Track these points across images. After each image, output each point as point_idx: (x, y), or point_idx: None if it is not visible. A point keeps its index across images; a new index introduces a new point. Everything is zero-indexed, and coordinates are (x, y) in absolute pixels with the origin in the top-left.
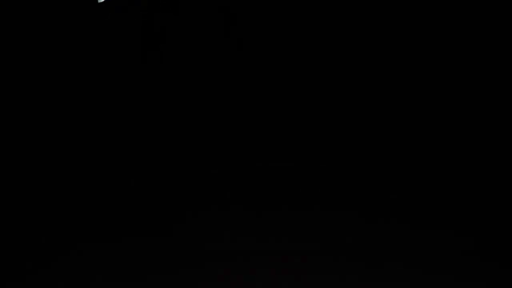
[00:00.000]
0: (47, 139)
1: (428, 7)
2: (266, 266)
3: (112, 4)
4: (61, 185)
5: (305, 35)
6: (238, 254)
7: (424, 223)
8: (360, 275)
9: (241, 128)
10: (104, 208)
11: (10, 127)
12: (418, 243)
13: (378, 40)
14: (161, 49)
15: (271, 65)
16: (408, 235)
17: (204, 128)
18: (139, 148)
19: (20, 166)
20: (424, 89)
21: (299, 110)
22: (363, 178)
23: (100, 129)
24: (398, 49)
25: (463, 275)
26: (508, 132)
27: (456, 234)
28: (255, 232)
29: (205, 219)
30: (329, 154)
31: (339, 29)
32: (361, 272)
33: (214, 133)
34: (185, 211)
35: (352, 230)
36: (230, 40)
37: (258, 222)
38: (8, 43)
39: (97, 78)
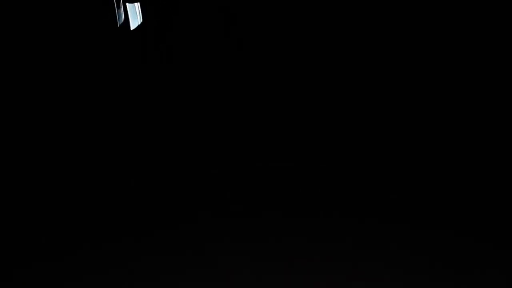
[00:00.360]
0: (47, 139)
1: (428, 7)
2: (266, 266)
3: (112, 4)
4: (61, 185)
5: (305, 35)
6: (238, 254)
7: (424, 223)
8: (360, 275)
9: (241, 128)
10: (104, 208)
11: (11, 127)
12: (418, 243)
13: (378, 40)
14: (161, 49)
15: (271, 65)
16: (408, 235)
17: (204, 128)
18: (139, 148)
19: (20, 166)
20: (424, 89)
21: (299, 110)
22: (363, 178)
23: (100, 129)
24: (398, 49)
25: (463, 275)
26: (508, 131)
27: (456, 234)
28: (255, 232)
29: (205, 219)
30: (329, 154)
31: (339, 29)
32: (361, 271)
33: (214, 133)
34: (185, 211)
35: (352, 230)
36: (230, 40)
37: (258, 222)
38: (7, 43)
39: (97, 78)
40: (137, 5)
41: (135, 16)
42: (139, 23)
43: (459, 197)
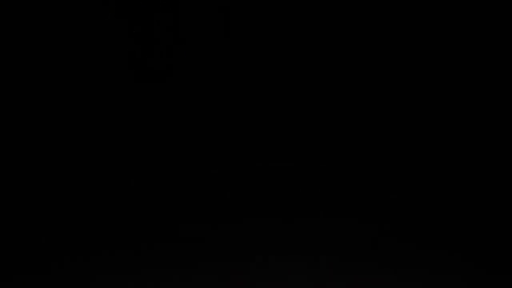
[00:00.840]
0: (47, 140)
1: (428, 7)
2: (266, 267)
3: (111, 5)
4: (61, 185)
5: (305, 35)
6: (238, 254)
7: (424, 223)
8: (360, 274)
9: (241, 128)
10: (103, 208)
11: (12, 128)
12: (418, 243)
13: (378, 39)
14: (161, 49)
15: (272, 65)
16: (408, 234)
17: (204, 128)
18: (139, 148)
19: (21, 166)
20: (424, 90)
21: (299, 110)
22: (363, 178)
23: (100, 129)
24: (398, 49)
25: (465, 275)
26: (509, 130)
27: (456, 235)
28: (255, 233)
29: (204, 219)
30: (329, 154)
31: (339, 29)
32: (362, 271)
33: (214, 133)
34: (185, 211)
35: (352, 230)
36: (230, 40)
37: (257, 222)
38: (6, 44)
39: (97, 78)
40: None
41: None
42: None
43: (459, 197)
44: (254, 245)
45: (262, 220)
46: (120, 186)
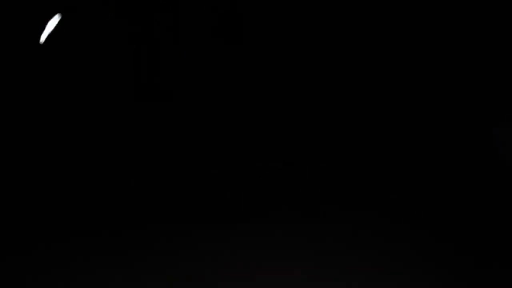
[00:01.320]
0: (47, 139)
1: (428, 7)
2: (267, 266)
3: (111, 5)
4: (62, 185)
5: (304, 36)
6: (238, 254)
7: (424, 223)
8: (360, 274)
9: (241, 128)
10: (103, 207)
11: (13, 130)
12: (418, 243)
13: (378, 39)
14: (160, 50)
15: (271, 66)
16: (408, 235)
17: (204, 128)
18: (139, 148)
19: (21, 167)
20: (424, 90)
21: (299, 111)
22: (363, 178)
23: (100, 129)
24: (398, 49)
25: (465, 275)
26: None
27: (456, 235)
28: (255, 232)
29: (204, 219)
30: (329, 154)
31: (338, 30)
32: (361, 270)
33: (214, 133)
34: (184, 211)
35: (353, 229)
36: (229, 40)
37: (257, 222)
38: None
39: (98, 79)
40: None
41: None
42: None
43: (459, 197)
44: (254, 245)
45: (262, 220)
46: (120, 186)
